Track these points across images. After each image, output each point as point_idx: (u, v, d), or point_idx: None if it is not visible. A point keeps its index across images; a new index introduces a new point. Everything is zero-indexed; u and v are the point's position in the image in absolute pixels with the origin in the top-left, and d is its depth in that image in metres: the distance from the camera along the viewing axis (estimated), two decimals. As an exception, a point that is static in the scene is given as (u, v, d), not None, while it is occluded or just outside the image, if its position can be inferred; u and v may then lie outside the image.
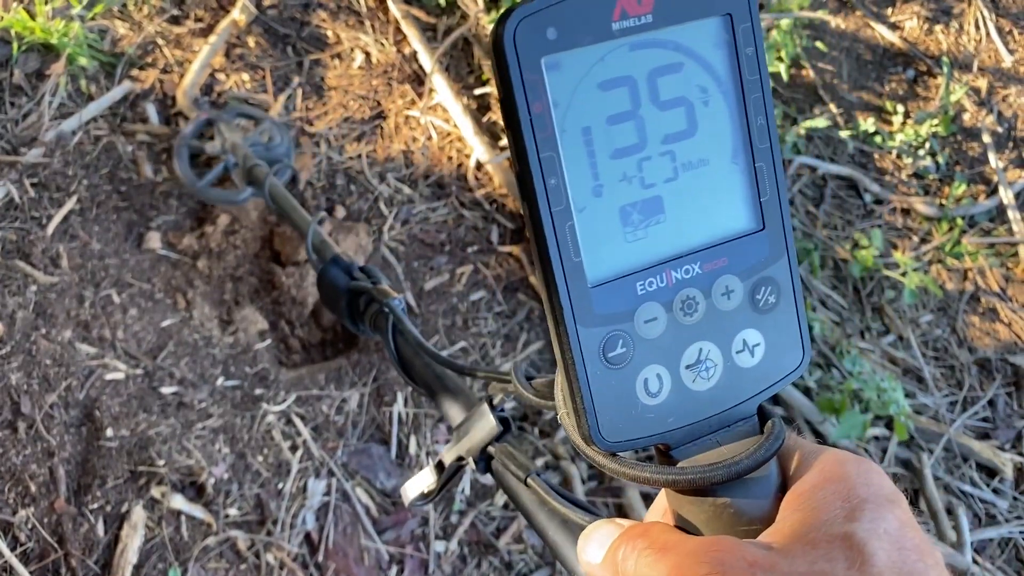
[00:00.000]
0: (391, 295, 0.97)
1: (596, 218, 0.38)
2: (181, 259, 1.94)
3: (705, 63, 0.38)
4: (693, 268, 0.40)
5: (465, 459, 0.75)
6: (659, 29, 0.37)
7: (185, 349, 1.86)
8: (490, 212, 2.12)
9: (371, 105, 2.18)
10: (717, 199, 0.40)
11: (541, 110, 0.35)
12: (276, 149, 1.88)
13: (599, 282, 0.38)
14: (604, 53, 0.37)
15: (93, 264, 1.86)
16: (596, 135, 0.37)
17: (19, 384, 1.69)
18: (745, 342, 0.41)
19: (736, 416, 0.41)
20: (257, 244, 2.04)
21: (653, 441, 0.40)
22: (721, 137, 0.39)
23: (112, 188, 1.93)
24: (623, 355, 0.39)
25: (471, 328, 1.97)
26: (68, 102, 1.99)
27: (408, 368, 0.93)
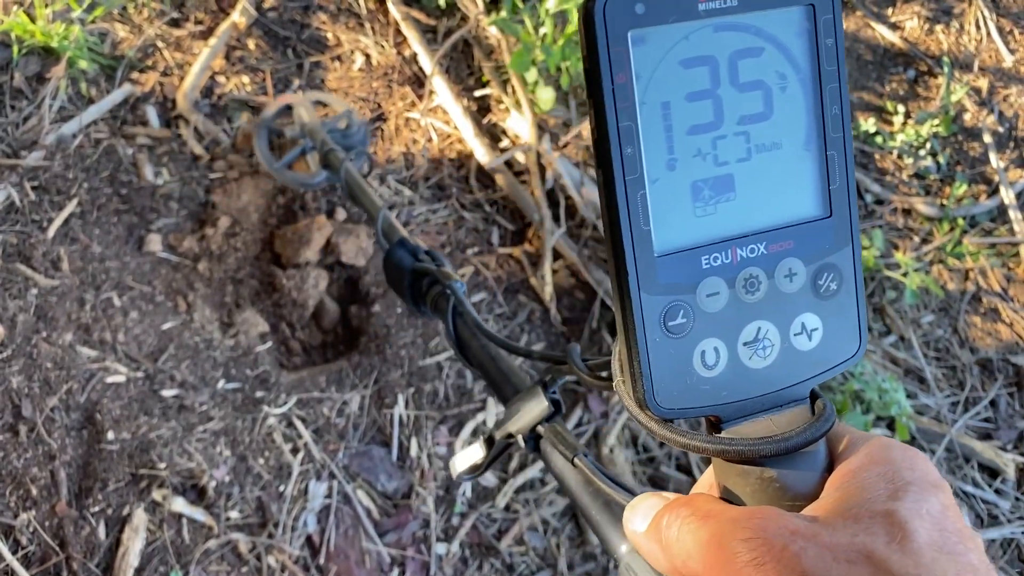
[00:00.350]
0: (453, 277, 1.00)
1: (668, 190, 0.39)
2: (182, 262, 1.95)
3: (785, 50, 0.39)
4: (759, 248, 0.40)
5: (515, 437, 0.77)
6: (743, 13, 0.38)
7: (186, 352, 1.86)
8: (490, 214, 2.12)
9: (371, 107, 2.18)
10: (787, 183, 0.41)
11: (624, 81, 0.36)
12: (353, 137, 1.89)
13: (665, 252, 0.39)
14: (688, 32, 0.37)
15: (94, 267, 1.86)
16: (675, 110, 0.38)
17: (20, 387, 1.69)
18: (804, 325, 0.42)
19: (788, 397, 0.42)
20: (258, 246, 2.04)
21: (705, 412, 0.41)
22: (795, 123, 0.40)
23: (112, 191, 1.93)
24: (683, 325, 0.39)
25: (472, 330, 1.97)
26: (68, 105, 1.99)
27: (465, 349, 0.95)
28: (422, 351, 1.93)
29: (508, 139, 2.18)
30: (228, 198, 1.99)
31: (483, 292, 2.02)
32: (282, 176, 1.88)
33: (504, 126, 2.19)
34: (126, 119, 2.01)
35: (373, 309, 1.99)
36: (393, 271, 1.13)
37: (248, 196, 2.01)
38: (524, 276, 2.05)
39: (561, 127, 2.21)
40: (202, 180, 1.99)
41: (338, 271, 2.06)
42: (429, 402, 1.88)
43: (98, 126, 1.98)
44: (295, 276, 1.98)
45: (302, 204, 2.06)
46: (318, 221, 1.98)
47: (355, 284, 2.06)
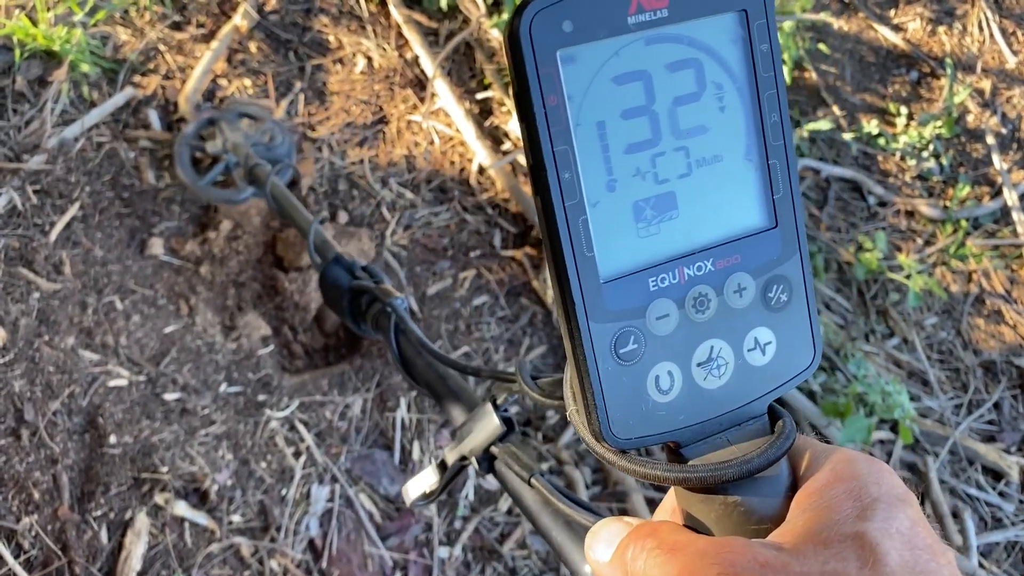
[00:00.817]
0: (393, 294, 0.97)
1: (609, 213, 0.38)
2: (184, 265, 1.94)
3: (720, 59, 0.38)
4: (706, 265, 0.40)
5: (468, 459, 0.75)
6: (675, 24, 0.37)
7: (188, 355, 1.86)
8: (492, 216, 2.11)
9: (373, 110, 2.18)
10: (730, 196, 0.40)
11: (556, 103, 0.35)
12: (278, 149, 1.88)
13: (611, 277, 0.38)
14: (619, 47, 0.36)
15: (96, 271, 1.86)
16: (610, 129, 0.37)
17: (22, 391, 1.69)
18: (757, 340, 0.41)
19: (746, 415, 0.41)
20: (260, 249, 2.04)
21: (664, 439, 0.40)
22: (735, 134, 0.39)
23: (114, 194, 1.93)
24: (634, 352, 0.39)
25: (474, 333, 1.97)
26: (70, 109, 1.99)
27: (411, 368, 0.93)
28: (424, 354, 1.93)
29: (510, 142, 2.17)
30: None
31: (485, 295, 2.01)
32: (206, 193, 1.86)
33: (506, 129, 2.18)
34: (128, 122, 2.01)
35: (375, 312, 1.99)
36: (330, 290, 1.09)
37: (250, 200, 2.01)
38: (526, 279, 2.05)
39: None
40: (204, 183, 1.99)
41: (340, 274, 2.06)
42: (431, 406, 1.88)
43: (100, 129, 1.98)
44: (297, 279, 1.98)
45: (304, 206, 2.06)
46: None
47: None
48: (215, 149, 1.91)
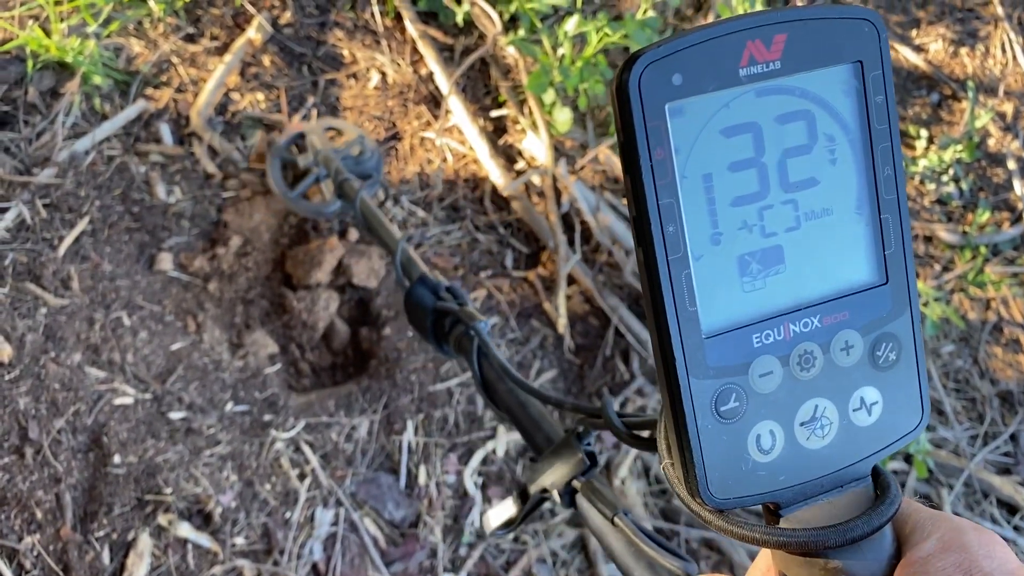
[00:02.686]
0: (477, 318, 0.97)
1: (713, 267, 0.37)
2: (192, 281, 1.93)
3: (833, 111, 0.38)
4: (812, 321, 0.39)
5: (549, 492, 0.75)
6: (787, 76, 0.36)
7: (194, 373, 1.84)
8: (504, 236, 2.09)
9: (386, 126, 2.16)
10: (839, 250, 0.39)
11: (662, 156, 0.35)
12: (366, 163, 1.87)
13: (714, 333, 0.37)
14: (729, 99, 0.36)
15: (104, 286, 1.84)
16: (717, 182, 0.37)
17: (27, 409, 1.67)
18: (863, 400, 0.40)
19: (849, 476, 0.40)
20: (269, 266, 2.02)
21: (763, 499, 0.39)
22: (846, 187, 0.39)
23: (124, 209, 1.92)
24: (736, 409, 0.38)
25: (483, 355, 1.94)
26: (81, 121, 1.98)
27: (492, 392, 0.92)
28: (432, 376, 1.91)
29: (524, 160, 2.15)
30: (240, 217, 1.97)
31: (496, 316, 1.99)
32: (296, 206, 1.86)
33: (520, 147, 2.16)
34: (139, 136, 2.00)
35: (384, 332, 1.97)
36: (414, 310, 1.10)
37: (260, 216, 1.99)
38: (538, 301, 2.02)
39: (578, 149, 2.18)
40: (214, 199, 1.97)
41: (349, 292, 2.04)
42: (439, 429, 1.86)
43: (111, 143, 1.97)
44: (306, 298, 1.96)
45: (314, 225, 2.04)
46: (329, 243, 1.96)
47: (366, 306, 2.04)
48: (305, 162, 1.90)
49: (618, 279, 2.00)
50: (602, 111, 2.29)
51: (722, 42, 0.35)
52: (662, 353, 0.37)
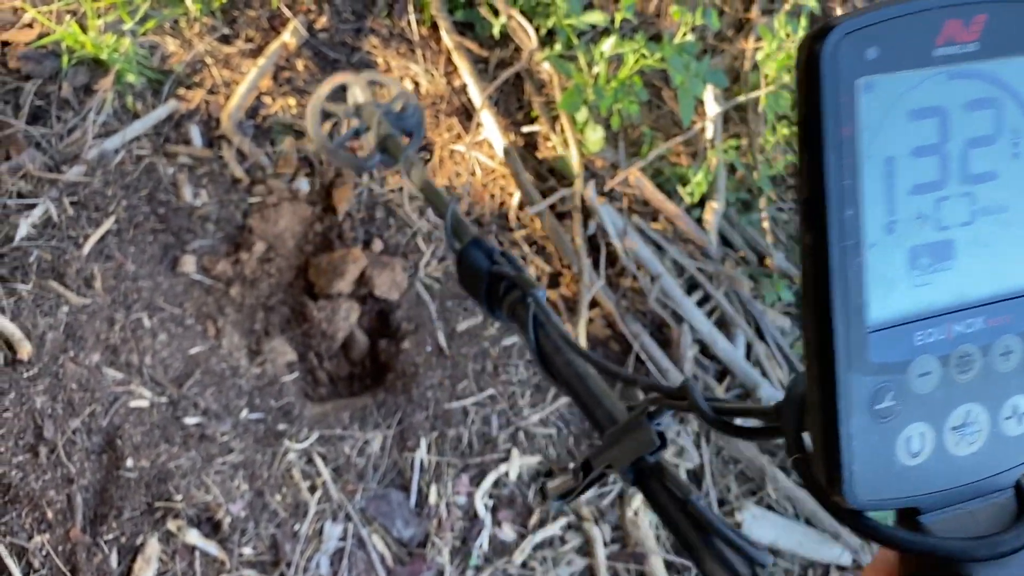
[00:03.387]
0: (534, 284, 0.94)
1: (885, 257, 0.35)
2: (214, 285, 1.92)
3: (1022, 102, 0.36)
4: (976, 322, 0.37)
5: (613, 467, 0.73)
6: (982, 60, 0.35)
7: (212, 378, 1.84)
8: (528, 254, 2.07)
9: (416, 137, 2.14)
10: (1011, 250, 0.37)
11: (849, 135, 0.33)
12: (409, 119, 1.84)
13: (878, 327, 0.35)
14: (921, 79, 0.34)
15: (126, 286, 1.84)
16: (899, 167, 0.35)
17: (43, 408, 1.68)
18: (1015, 408, 0.38)
19: (993, 486, 0.38)
20: (292, 273, 2.02)
21: (906, 503, 0.37)
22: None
23: (150, 210, 1.92)
24: (890, 409, 0.36)
25: (501, 375, 1.93)
26: (112, 120, 1.98)
27: (548, 364, 0.89)
28: (449, 393, 1.89)
29: (553, 178, 2.13)
30: (265, 223, 1.97)
31: (515, 336, 1.97)
32: (335, 157, 1.81)
33: (551, 164, 2.14)
34: (169, 136, 2.00)
35: (402, 345, 1.96)
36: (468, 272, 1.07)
37: (285, 222, 1.99)
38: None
39: (608, 169, 2.15)
40: (240, 203, 1.97)
41: (370, 303, 2.03)
42: (452, 448, 1.85)
43: (141, 142, 1.97)
44: (326, 307, 1.95)
45: (339, 232, 2.03)
46: (353, 253, 1.95)
47: (386, 318, 2.02)
48: (347, 113, 1.87)
49: (642, 305, 1.97)
50: (635, 130, 2.26)
51: (921, 17, 0.33)
52: (818, 346, 0.35)
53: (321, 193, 2.04)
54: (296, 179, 2.01)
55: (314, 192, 2.03)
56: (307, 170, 2.04)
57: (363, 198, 2.06)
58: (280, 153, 2.01)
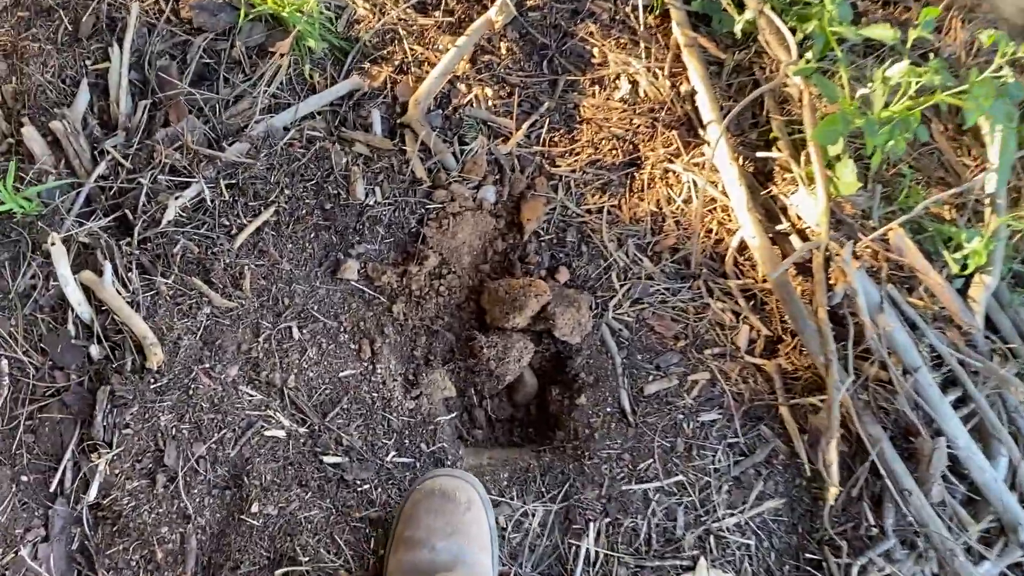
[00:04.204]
0: None
1: None
2: (376, 298, 1.65)
3: None
4: None
5: None
6: None
7: (360, 409, 1.57)
8: (743, 309, 1.70)
9: (626, 149, 1.80)
10: None
11: None
12: None
13: None
14: None
15: (278, 289, 1.59)
16: None
17: (167, 427, 1.45)
18: None
19: None
20: (463, 295, 1.72)
21: None
22: None
23: (316, 203, 1.65)
24: None
25: (694, 459, 1.58)
26: (285, 91, 1.71)
27: None
28: (628, 472, 1.57)
29: (787, 220, 1.74)
30: (441, 234, 1.67)
31: (716, 411, 1.62)
32: None
33: (786, 202, 1.75)
34: (346, 119, 1.72)
35: (578, 400, 1.64)
36: None
37: (464, 235, 1.69)
38: (772, 400, 1.63)
39: (858, 217, 1.75)
40: (417, 208, 1.68)
41: (546, 343, 1.71)
42: (626, 542, 1.52)
43: (314, 122, 1.70)
44: (498, 344, 1.65)
45: (522, 254, 1.72)
46: (537, 285, 1.63)
47: (563, 363, 1.71)
48: None
49: (887, 402, 1.58)
50: (890, 169, 1.84)
51: None
52: None
53: (508, 206, 1.73)
54: (483, 186, 1.70)
55: (501, 203, 1.72)
56: (496, 176, 1.72)
57: (555, 216, 1.73)
58: (469, 153, 1.70)
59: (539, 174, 1.74)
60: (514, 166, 1.73)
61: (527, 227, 1.71)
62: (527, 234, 1.71)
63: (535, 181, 1.73)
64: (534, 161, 1.74)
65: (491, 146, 1.72)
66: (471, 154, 1.70)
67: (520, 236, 1.72)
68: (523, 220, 1.71)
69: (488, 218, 1.70)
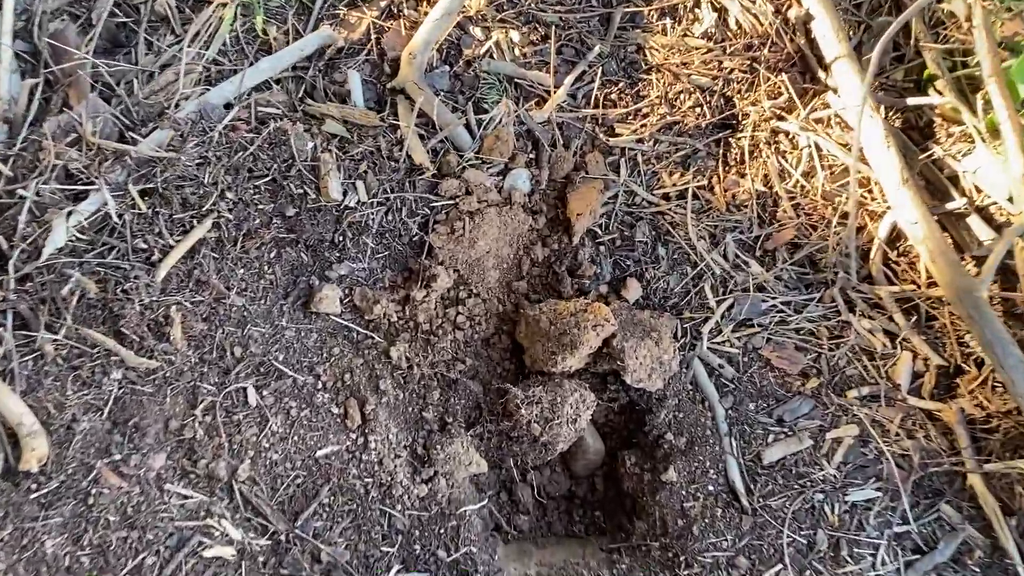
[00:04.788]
0: None
1: None
2: (368, 338, 1.16)
3: None
4: None
5: None
6: None
7: (346, 501, 1.09)
8: (902, 328, 1.16)
9: (715, 104, 1.26)
10: None
11: None
12: None
13: None
14: None
15: (225, 335, 1.11)
16: None
17: (56, 556, 0.97)
18: None
19: None
20: (490, 326, 1.21)
21: None
22: None
23: (273, 208, 1.16)
24: None
25: (845, 563, 1.05)
26: (229, 55, 1.22)
27: None
28: (747, 583, 1.04)
29: (961, 194, 1.19)
30: (455, 242, 1.17)
31: (871, 484, 1.09)
32: None
33: (956, 168, 1.19)
34: (314, 87, 1.22)
35: (665, 475, 1.13)
36: None
37: (487, 242, 1.18)
38: (956, 465, 1.09)
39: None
40: (418, 207, 1.18)
41: (614, 389, 1.19)
42: None
43: (269, 94, 1.20)
44: (543, 398, 1.14)
45: (572, 264, 1.20)
46: (595, 309, 1.11)
47: (639, 419, 1.19)
48: None
49: None
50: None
51: None
52: None
53: (549, 196, 1.22)
54: (511, 170, 1.18)
55: (538, 194, 1.21)
56: (529, 154, 1.20)
57: (617, 207, 1.21)
58: (490, 125, 1.19)
59: (591, 148, 1.23)
60: (555, 139, 1.22)
61: (577, 225, 1.19)
62: (577, 235, 1.20)
63: (586, 159, 1.21)
64: (583, 130, 1.22)
65: (521, 112, 1.20)
66: (492, 126, 1.19)
67: (568, 238, 1.20)
68: (571, 215, 1.19)
69: (521, 215, 1.19)
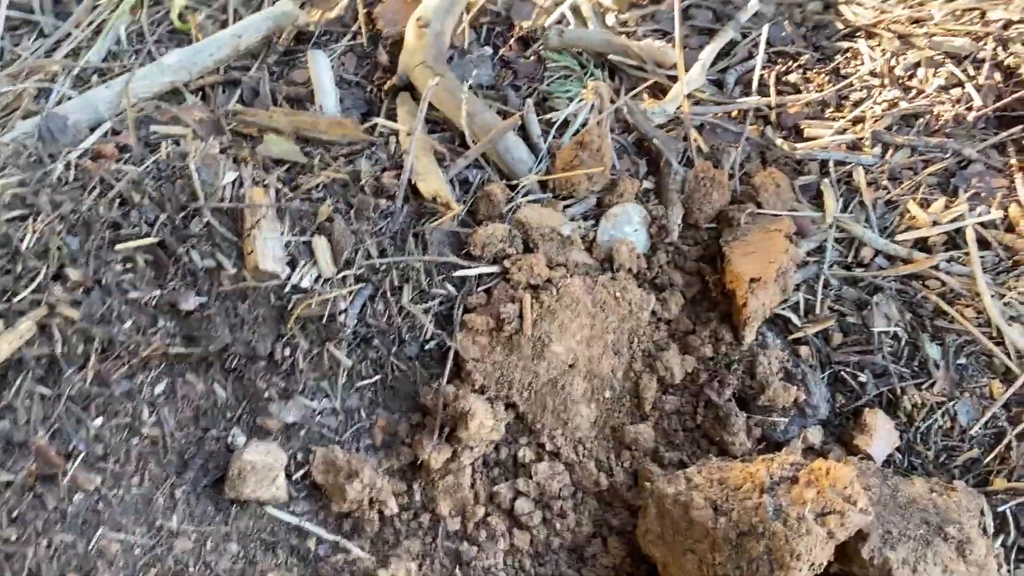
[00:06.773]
0: None
1: None
2: (339, 550, 0.55)
3: None
4: None
5: None
6: None
7: None
8: None
9: (986, 79, 0.68)
10: None
11: None
12: None
13: None
14: None
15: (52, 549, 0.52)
16: None
17: None
18: None
19: None
20: (587, 515, 0.62)
21: None
22: None
23: (160, 297, 0.62)
24: None
25: None
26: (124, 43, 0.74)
27: None
28: None
29: None
30: (506, 348, 0.58)
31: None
32: None
33: None
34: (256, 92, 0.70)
35: None
36: None
37: (571, 344, 0.62)
38: None
39: None
40: (433, 282, 0.60)
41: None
42: None
43: (181, 107, 0.68)
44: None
45: (746, 384, 0.59)
46: (817, 475, 0.48)
47: None
48: None
49: None
50: None
51: None
52: None
53: (689, 253, 0.64)
54: (611, 206, 0.61)
55: (668, 250, 0.62)
56: (644, 179, 0.63)
57: (826, 267, 0.60)
58: (570, 129, 0.63)
59: (763, 163, 0.64)
60: (690, 150, 0.64)
61: (750, 307, 0.60)
62: (752, 327, 0.60)
63: (755, 182, 0.63)
64: (743, 134, 0.65)
65: (625, 106, 0.64)
66: (571, 131, 0.63)
67: (732, 334, 0.60)
68: (735, 288, 0.59)
69: (634, 292, 0.61)
